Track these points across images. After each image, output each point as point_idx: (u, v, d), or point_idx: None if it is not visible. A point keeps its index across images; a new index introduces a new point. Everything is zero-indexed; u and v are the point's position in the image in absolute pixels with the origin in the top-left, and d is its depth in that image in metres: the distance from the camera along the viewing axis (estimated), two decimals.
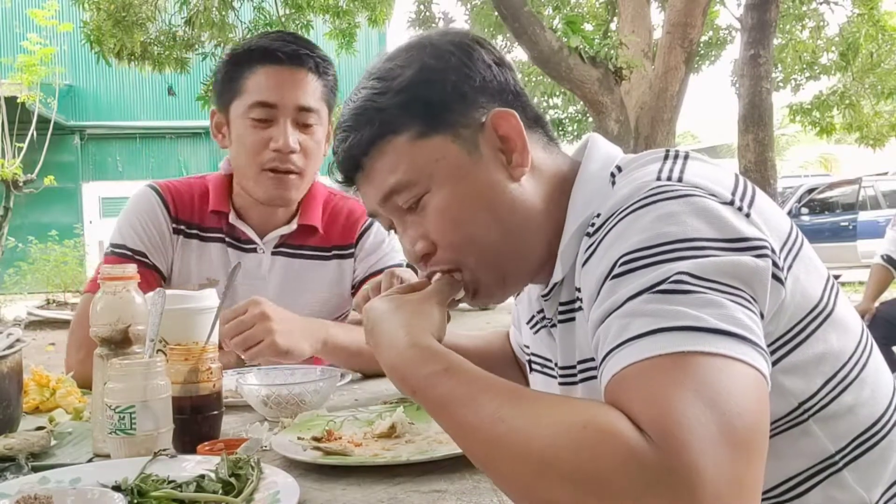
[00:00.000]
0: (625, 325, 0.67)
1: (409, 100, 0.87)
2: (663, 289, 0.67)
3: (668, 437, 0.58)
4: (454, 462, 0.94)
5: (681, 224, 0.71)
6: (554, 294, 0.91)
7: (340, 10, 8.82)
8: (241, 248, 1.60)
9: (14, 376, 1.14)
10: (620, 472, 0.58)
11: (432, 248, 0.90)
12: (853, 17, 9.96)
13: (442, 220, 0.88)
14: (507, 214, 0.88)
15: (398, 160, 0.88)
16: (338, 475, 0.93)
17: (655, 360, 0.63)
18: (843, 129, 10.68)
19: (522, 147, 0.88)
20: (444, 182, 0.87)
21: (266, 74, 1.47)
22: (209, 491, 0.82)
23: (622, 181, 0.83)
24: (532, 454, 0.62)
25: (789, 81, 10.69)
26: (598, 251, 0.75)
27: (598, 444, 0.60)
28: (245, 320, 1.28)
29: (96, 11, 8.15)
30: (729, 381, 0.61)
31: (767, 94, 6.79)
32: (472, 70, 0.89)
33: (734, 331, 0.64)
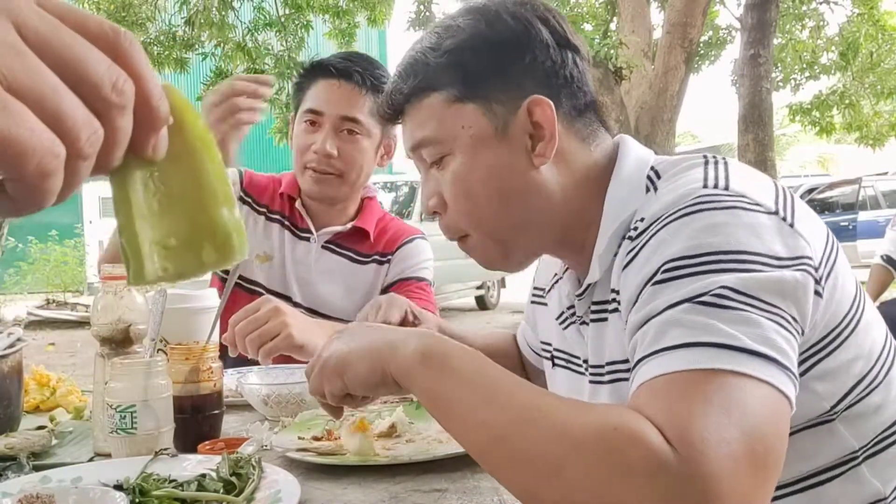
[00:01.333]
0: (661, 333, 0.68)
1: (453, 63, 0.89)
2: (704, 300, 0.67)
3: (691, 449, 0.59)
4: (455, 461, 0.94)
5: (726, 235, 0.71)
6: (587, 294, 0.91)
7: (340, 10, 8.82)
8: (297, 234, 1.75)
9: (15, 376, 1.14)
10: (645, 475, 0.59)
11: (443, 208, 0.94)
12: (853, 17, 9.96)
13: (455, 186, 0.91)
14: (515, 195, 0.90)
15: (430, 117, 0.91)
16: (339, 474, 0.93)
17: (686, 374, 0.64)
18: (842, 129, 10.68)
19: (550, 138, 0.88)
20: (465, 150, 0.90)
21: (320, 86, 1.65)
22: (210, 490, 0.82)
23: (665, 186, 0.83)
24: (563, 441, 0.63)
25: (789, 81, 10.69)
26: (641, 255, 0.76)
27: (628, 446, 0.60)
28: (259, 317, 1.30)
29: (96, 11, 8.16)
30: (754, 402, 0.62)
31: (767, 94, 6.80)
32: (525, 49, 0.89)
33: (766, 353, 0.65)
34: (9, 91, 0.30)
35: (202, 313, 1.28)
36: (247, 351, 1.29)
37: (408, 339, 0.78)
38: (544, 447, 0.64)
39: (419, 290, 1.71)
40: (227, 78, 8.63)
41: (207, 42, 8.66)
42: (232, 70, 8.72)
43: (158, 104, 0.36)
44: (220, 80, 8.65)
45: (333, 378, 0.83)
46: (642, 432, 0.61)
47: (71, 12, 0.34)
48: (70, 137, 0.32)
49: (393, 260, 1.75)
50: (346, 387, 0.83)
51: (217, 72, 8.76)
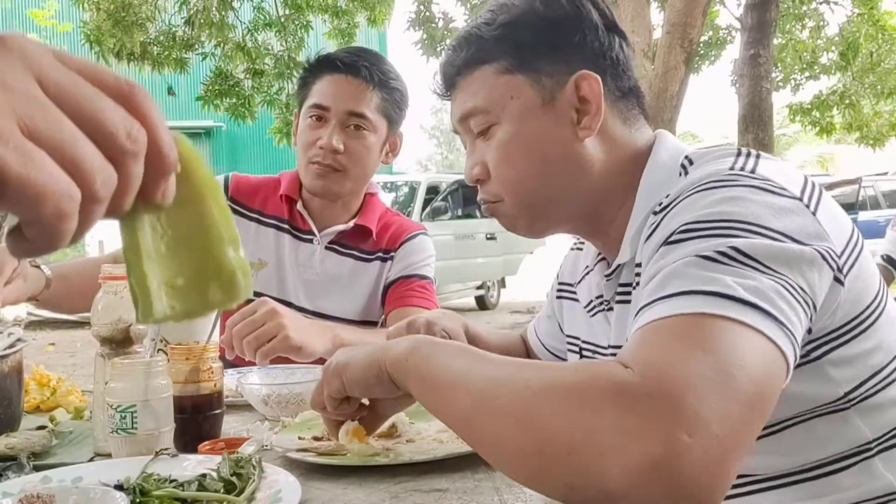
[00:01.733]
0: (663, 284, 0.69)
1: (505, 35, 0.94)
2: (708, 255, 0.69)
3: (650, 370, 0.60)
4: (455, 461, 0.94)
5: (744, 207, 0.73)
6: (616, 275, 0.94)
7: (340, 10, 8.82)
8: (299, 236, 1.71)
9: (15, 375, 1.14)
10: (602, 397, 0.60)
11: (486, 176, 0.98)
12: (853, 17, 9.96)
13: (499, 152, 0.95)
14: (556, 167, 0.93)
15: (480, 86, 0.95)
16: (339, 474, 0.93)
17: (675, 319, 0.65)
18: (842, 129, 10.68)
19: (596, 112, 0.92)
20: (512, 118, 0.94)
21: (326, 81, 1.63)
22: (211, 490, 0.82)
23: (695, 170, 0.86)
24: (534, 387, 0.64)
25: (789, 81, 10.69)
26: (661, 224, 0.79)
27: (590, 381, 0.62)
28: (256, 319, 1.30)
29: (96, 11, 8.16)
30: (742, 345, 0.62)
31: (767, 94, 6.80)
32: (575, 28, 0.93)
33: (762, 305, 0.65)
34: (30, 138, 0.33)
35: None
36: (244, 353, 1.29)
37: (401, 340, 0.82)
38: (514, 399, 0.65)
39: (421, 288, 1.70)
40: (227, 78, 8.65)
41: (207, 42, 8.66)
42: (232, 70, 8.72)
43: (168, 153, 0.38)
44: (220, 80, 8.67)
45: (333, 379, 0.88)
46: (603, 368, 0.62)
47: (89, 67, 0.37)
48: (86, 182, 0.34)
49: (396, 257, 1.73)
50: (344, 387, 0.87)
51: (217, 72, 8.77)
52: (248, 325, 1.30)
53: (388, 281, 1.72)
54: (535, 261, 12.36)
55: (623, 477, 0.57)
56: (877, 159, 11.26)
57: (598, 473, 0.58)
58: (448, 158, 46.96)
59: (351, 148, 1.61)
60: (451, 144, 47.11)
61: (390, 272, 1.73)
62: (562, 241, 14.86)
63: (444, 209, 10.29)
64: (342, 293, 1.69)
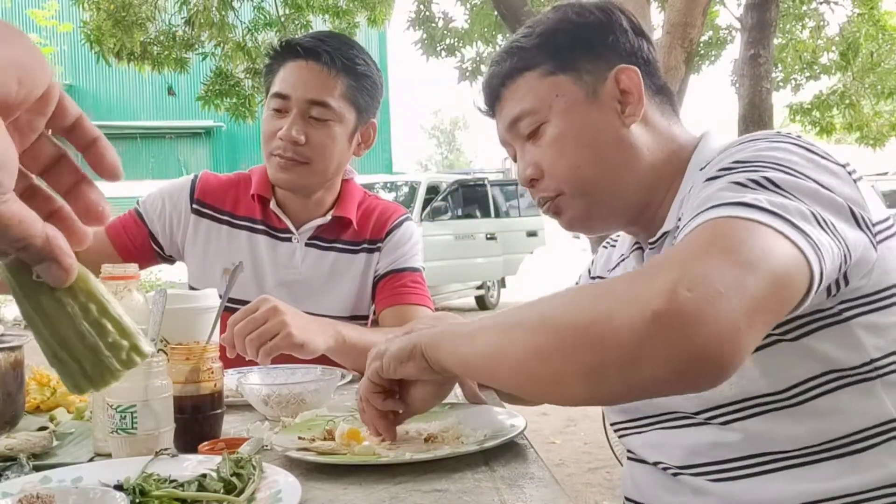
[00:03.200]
0: (696, 209, 0.74)
1: (545, 43, 1.02)
2: (742, 181, 0.74)
3: (670, 255, 0.66)
4: (455, 461, 0.94)
5: (787, 155, 0.78)
6: (658, 244, 1.00)
7: (340, 10, 8.81)
8: (276, 236, 1.65)
9: (10, 371, 1.14)
10: (618, 281, 0.68)
11: (540, 175, 1.04)
12: (853, 17, 9.95)
13: (552, 148, 1.01)
14: (609, 153, 1.00)
15: (527, 91, 1.03)
16: (339, 474, 0.93)
17: (701, 226, 0.69)
18: (843, 129, 10.66)
19: (638, 100, 1.00)
20: (560, 114, 1.00)
21: (288, 68, 1.56)
22: (211, 490, 0.82)
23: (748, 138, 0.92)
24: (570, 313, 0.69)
25: (789, 81, 10.67)
26: (703, 173, 0.86)
27: (615, 281, 0.69)
28: (257, 317, 1.29)
29: (96, 11, 8.15)
30: (764, 242, 0.65)
31: (767, 94, 6.79)
32: (608, 31, 1.02)
33: (788, 217, 0.68)
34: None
35: (202, 313, 1.27)
36: (245, 352, 1.29)
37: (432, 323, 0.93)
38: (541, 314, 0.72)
39: (413, 283, 1.65)
40: (227, 78, 8.64)
41: (207, 42, 8.65)
42: (232, 70, 8.72)
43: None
44: (221, 80, 8.66)
45: (373, 361, 0.96)
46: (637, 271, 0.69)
47: None
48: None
49: (383, 248, 1.67)
50: (381, 367, 0.94)
51: (217, 72, 8.76)
52: (249, 324, 1.29)
53: (377, 274, 1.67)
54: (535, 261, 12.35)
55: (634, 335, 0.61)
56: (877, 159, 11.24)
57: (615, 340, 0.62)
58: (448, 158, 46.92)
59: (313, 139, 1.54)
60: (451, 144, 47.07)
61: (379, 264, 1.67)
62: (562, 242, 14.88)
63: (444, 209, 10.29)
64: (328, 291, 1.64)
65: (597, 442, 4.23)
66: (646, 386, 0.64)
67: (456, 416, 1.13)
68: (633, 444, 1.07)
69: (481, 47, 9.60)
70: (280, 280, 1.63)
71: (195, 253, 1.66)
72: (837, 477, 0.83)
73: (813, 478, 0.84)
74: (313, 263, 1.65)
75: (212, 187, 1.67)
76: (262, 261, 1.63)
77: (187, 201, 1.67)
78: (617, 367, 0.62)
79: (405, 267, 1.66)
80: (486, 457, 0.96)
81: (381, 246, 1.68)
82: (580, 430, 4.79)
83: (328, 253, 1.66)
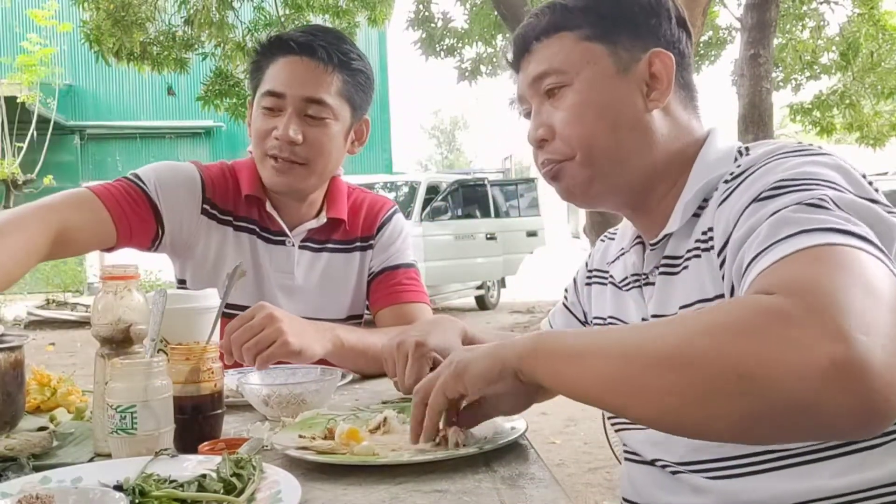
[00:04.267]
0: (775, 230, 0.73)
1: (590, 7, 1.01)
2: (810, 202, 0.73)
3: (800, 289, 0.62)
4: (456, 462, 0.94)
5: (824, 169, 0.79)
6: (661, 245, 0.99)
7: (340, 10, 8.81)
8: (270, 239, 1.59)
9: (12, 373, 1.14)
10: (760, 320, 0.62)
11: (551, 136, 1.02)
12: (853, 17, 9.95)
13: (570, 112, 1.00)
14: (625, 130, 0.99)
15: (560, 49, 1.01)
16: (339, 475, 0.93)
17: (803, 252, 0.68)
18: (843, 129, 10.66)
19: (666, 87, 1.00)
20: (586, 82, 1.00)
21: (279, 65, 1.48)
22: (211, 490, 0.82)
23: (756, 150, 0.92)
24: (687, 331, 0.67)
25: (789, 81, 10.67)
26: (739, 189, 0.84)
27: (744, 309, 0.64)
28: (254, 325, 1.28)
29: (95, 11, 8.15)
30: (871, 267, 0.65)
31: (767, 94, 6.79)
32: (654, 13, 1.01)
33: (871, 238, 0.69)
34: None
35: (203, 313, 1.27)
36: (243, 359, 1.28)
37: (521, 339, 0.86)
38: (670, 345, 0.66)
39: (409, 280, 1.63)
40: (227, 78, 8.64)
41: (207, 42, 8.65)
42: (232, 70, 8.71)
43: None
44: (220, 80, 8.66)
45: (452, 382, 0.89)
46: (752, 300, 0.65)
47: None
48: None
49: (376, 245, 1.65)
50: (465, 387, 0.88)
51: (217, 72, 8.76)
52: (246, 332, 1.27)
53: (371, 272, 1.64)
54: (535, 261, 12.35)
55: (806, 385, 0.57)
56: (877, 159, 11.24)
57: (778, 390, 0.58)
58: (448, 158, 46.90)
59: (311, 138, 1.47)
60: (451, 144, 47.06)
61: (373, 262, 1.65)
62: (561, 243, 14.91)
63: (444, 209, 10.29)
64: (325, 295, 1.61)
65: (597, 442, 4.23)
66: (808, 433, 0.62)
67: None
68: (633, 440, 1.06)
69: (481, 47, 9.60)
70: (278, 284, 1.59)
71: (201, 254, 1.57)
72: (840, 475, 0.83)
73: (816, 475, 0.84)
74: (308, 267, 1.62)
75: (215, 185, 1.58)
76: (260, 265, 1.59)
77: (199, 199, 1.56)
78: (777, 415, 0.59)
79: (399, 263, 1.64)
80: (486, 457, 0.96)
81: (373, 243, 1.65)
82: (580, 430, 4.79)
83: (321, 255, 1.63)
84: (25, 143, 10.63)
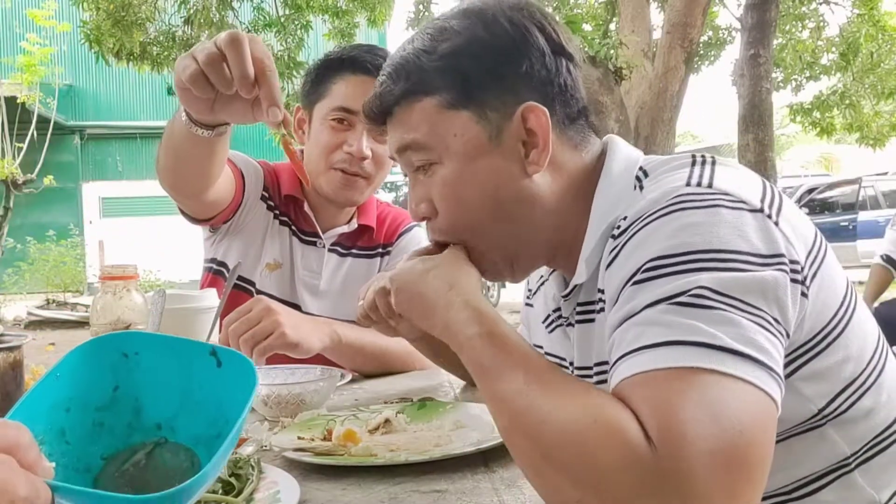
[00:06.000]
0: (640, 332, 0.68)
1: (448, 67, 0.87)
2: (682, 301, 0.67)
3: (668, 444, 0.60)
4: (455, 462, 0.94)
5: (706, 234, 0.70)
6: (574, 294, 0.91)
7: (340, 11, 8.82)
8: (303, 239, 1.66)
9: (11, 373, 1.14)
10: (619, 469, 0.61)
11: (433, 213, 0.92)
12: (853, 18, 9.95)
13: (445, 193, 0.89)
14: (510, 204, 0.88)
15: (420, 121, 0.88)
16: (338, 475, 0.93)
17: (667, 372, 0.64)
18: (843, 129, 10.67)
19: (544, 147, 0.87)
20: (457, 158, 0.87)
21: (352, 83, 1.56)
22: (209, 490, 0.82)
23: (650, 186, 0.81)
24: (543, 436, 0.66)
25: (789, 81, 10.67)
26: (622, 254, 0.75)
27: (604, 439, 0.62)
28: (251, 317, 1.30)
29: (95, 11, 8.15)
30: (735, 401, 0.62)
31: (767, 94, 6.79)
32: (522, 56, 0.86)
33: (748, 353, 0.64)
34: None
35: (201, 313, 1.27)
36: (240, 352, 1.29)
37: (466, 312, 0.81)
38: (524, 445, 0.68)
39: None
40: None
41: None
42: None
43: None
44: None
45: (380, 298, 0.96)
46: (620, 425, 0.62)
47: None
48: None
49: (392, 252, 1.72)
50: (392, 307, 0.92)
51: None
52: (243, 324, 1.29)
53: None
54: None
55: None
56: (877, 159, 11.24)
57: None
58: None
59: (377, 154, 1.56)
60: None
61: (387, 267, 1.70)
62: None
63: None
64: (344, 297, 1.65)
65: None
66: None
67: (455, 417, 1.13)
68: None
69: None
70: (305, 283, 1.64)
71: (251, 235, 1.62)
72: None
73: None
74: (334, 269, 1.68)
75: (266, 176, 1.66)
76: (295, 261, 1.65)
77: (262, 183, 1.64)
78: None
79: None
80: (485, 457, 0.96)
81: (391, 250, 1.73)
82: None
83: (346, 259, 1.69)
84: (25, 143, 10.63)
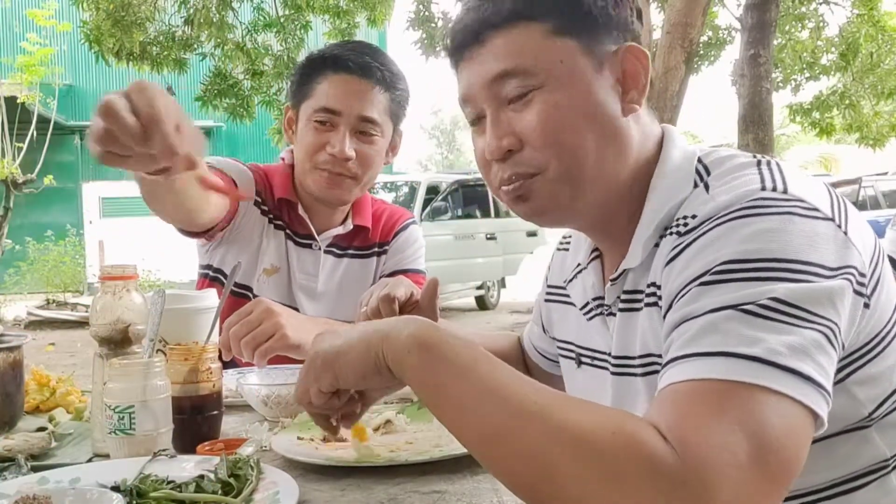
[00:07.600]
0: (699, 336, 0.66)
1: None
2: (749, 309, 0.66)
3: (690, 453, 0.58)
4: (454, 463, 0.94)
5: (782, 242, 0.69)
6: (621, 280, 0.89)
7: (340, 11, 8.81)
8: (299, 241, 1.65)
9: (11, 373, 1.14)
10: (639, 480, 0.59)
11: (518, 146, 0.87)
12: (853, 18, 9.95)
13: (546, 119, 0.85)
14: (607, 138, 0.86)
15: (525, 45, 0.85)
16: (338, 475, 0.93)
17: (713, 383, 0.63)
18: (843, 130, 10.66)
19: (643, 88, 0.86)
20: (561, 83, 0.85)
21: (334, 82, 1.53)
22: (208, 491, 0.82)
23: (719, 186, 0.79)
24: (561, 438, 0.62)
25: (789, 81, 10.67)
26: (688, 251, 0.74)
27: (623, 451, 0.60)
28: (252, 319, 1.29)
29: (95, 11, 8.15)
30: (778, 419, 0.61)
31: (767, 94, 6.80)
32: (625, 5, 0.87)
33: (803, 370, 0.63)
34: None
35: (201, 314, 1.27)
36: (241, 354, 1.29)
37: (399, 326, 0.74)
38: (539, 447, 0.63)
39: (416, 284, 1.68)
40: (226, 78, 8.64)
41: (206, 42, 8.65)
42: (231, 70, 8.71)
43: None
44: (219, 81, 8.66)
45: (323, 374, 0.78)
46: (640, 437, 0.60)
47: None
48: None
49: (389, 250, 1.71)
50: (336, 380, 0.78)
51: (216, 72, 8.76)
52: (244, 326, 1.29)
53: (382, 275, 1.69)
54: (535, 261, 12.36)
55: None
56: (877, 159, 11.24)
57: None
58: (448, 158, 46.90)
59: (362, 154, 1.55)
60: (451, 144, 47.07)
61: (385, 266, 1.70)
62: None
63: (444, 209, 10.29)
64: (341, 298, 1.65)
65: None
66: None
67: None
68: None
69: None
70: (301, 286, 1.64)
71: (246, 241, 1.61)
72: None
73: None
74: (331, 271, 1.67)
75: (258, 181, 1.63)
76: (291, 265, 1.64)
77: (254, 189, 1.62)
78: None
79: (408, 269, 1.69)
80: None
81: (387, 248, 1.72)
82: None
83: (342, 260, 1.69)
84: (25, 143, 10.62)
